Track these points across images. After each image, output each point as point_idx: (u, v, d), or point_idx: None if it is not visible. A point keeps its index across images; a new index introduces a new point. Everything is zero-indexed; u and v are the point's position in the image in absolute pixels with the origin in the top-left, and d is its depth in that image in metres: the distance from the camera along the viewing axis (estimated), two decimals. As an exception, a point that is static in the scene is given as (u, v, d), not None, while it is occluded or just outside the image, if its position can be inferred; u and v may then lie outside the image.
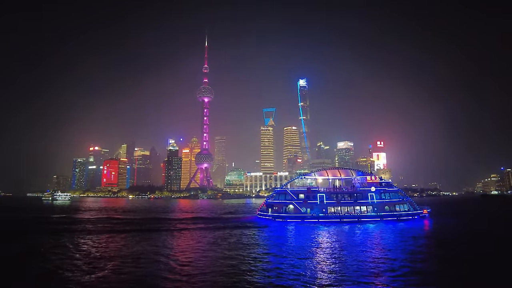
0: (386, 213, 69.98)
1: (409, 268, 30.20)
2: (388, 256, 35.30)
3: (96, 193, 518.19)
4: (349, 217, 68.47)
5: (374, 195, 71.20)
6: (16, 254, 37.82)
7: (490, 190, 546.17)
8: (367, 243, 43.58)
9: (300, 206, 70.58)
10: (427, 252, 38.91)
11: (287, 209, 71.67)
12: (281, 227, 62.38)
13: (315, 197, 70.76)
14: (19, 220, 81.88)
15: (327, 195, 71.15)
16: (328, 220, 67.92)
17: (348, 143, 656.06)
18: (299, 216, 69.51)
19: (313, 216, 68.85)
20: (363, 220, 67.91)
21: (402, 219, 70.53)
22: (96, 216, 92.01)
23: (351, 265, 31.20)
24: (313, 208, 69.87)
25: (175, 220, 78.08)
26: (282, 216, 70.76)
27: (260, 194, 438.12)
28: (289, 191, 74.05)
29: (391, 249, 39.25)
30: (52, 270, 29.97)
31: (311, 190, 72.54)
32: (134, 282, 26.13)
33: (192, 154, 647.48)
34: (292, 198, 72.07)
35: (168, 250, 39.44)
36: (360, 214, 69.49)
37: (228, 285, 25.35)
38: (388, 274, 27.97)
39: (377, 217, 69.05)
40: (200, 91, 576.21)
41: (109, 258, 34.42)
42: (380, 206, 70.38)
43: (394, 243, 43.64)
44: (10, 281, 27.43)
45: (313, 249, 39.95)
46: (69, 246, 42.20)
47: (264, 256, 35.85)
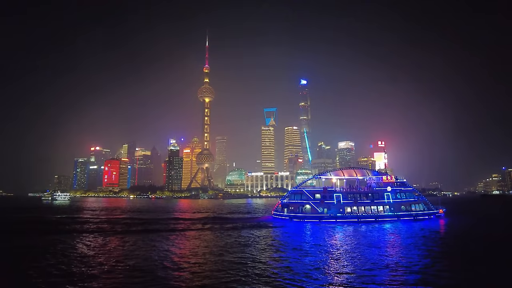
0: (403, 213, 70.16)
1: (440, 268, 30.23)
2: (420, 256, 35.29)
3: (97, 193, 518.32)
4: (367, 217, 68.58)
5: (390, 194, 71.36)
6: (14, 254, 37.95)
7: (492, 190, 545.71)
8: (395, 243, 43.65)
9: (317, 206, 70.48)
10: (452, 251, 39.15)
11: (303, 209, 71.53)
12: (302, 227, 62.21)
13: (331, 197, 70.80)
14: (16, 220, 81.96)
15: (343, 195, 71.25)
16: (346, 220, 67.91)
17: (349, 143, 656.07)
18: (317, 216, 69.40)
19: (331, 216, 68.79)
20: (380, 220, 67.98)
21: (419, 219, 70.67)
22: (119, 216, 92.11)
23: (390, 264, 31.37)
24: (330, 208, 69.85)
25: (191, 220, 77.65)
26: (300, 216, 70.60)
27: (261, 194, 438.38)
28: (305, 191, 73.95)
29: (420, 249, 39.09)
30: (71, 272, 29.89)
31: (328, 190, 72.62)
32: (181, 281, 26.32)
33: (193, 154, 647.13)
34: (308, 198, 71.94)
35: (203, 249, 39.35)
36: (377, 214, 69.48)
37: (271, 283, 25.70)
38: (421, 276, 27.92)
39: (394, 217, 69.18)
40: (201, 91, 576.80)
41: (159, 259, 34.40)
42: (397, 205, 70.52)
43: (420, 243, 43.40)
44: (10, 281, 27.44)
45: (344, 248, 39.81)
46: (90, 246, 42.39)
47: (300, 256, 35.63)
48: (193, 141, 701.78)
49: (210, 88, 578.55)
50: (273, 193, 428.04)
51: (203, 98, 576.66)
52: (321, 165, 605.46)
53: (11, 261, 34.41)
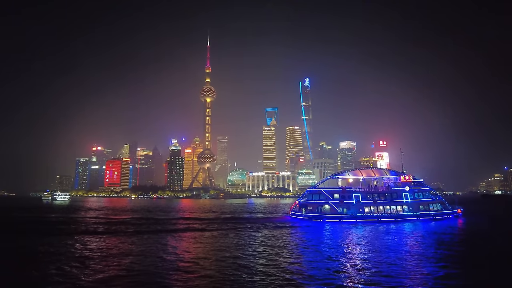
0: (422, 213, 70.14)
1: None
2: (454, 256, 35.34)
3: (98, 193, 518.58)
4: (386, 217, 68.53)
5: (408, 194, 71.32)
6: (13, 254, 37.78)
7: (494, 190, 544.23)
8: (426, 243, 43.41)
9: (336, 206, 70.26)
10: (486, 251, 39.12)
11: (322, 209, 71.30)
12: (324, 227, 61.93)
13: (350, 197, 70.68)
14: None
15: (362, 195, 71.15)
16: (366, 220, 67.82)
17: (351, 143, 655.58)
18: (337, 216, 69.18)
19: (351, 216, 68.63)
20: (400, 220, 67.89)
21: (438, 219, 70.61)
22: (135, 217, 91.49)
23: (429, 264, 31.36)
24: (349, 208, 69.68)
25: (207, 220, 77.10)
26: (319, 216, 70.34)
27: (263, 194, 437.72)
28: (324, 191, 73.69)
29: (455, 249, 39.06)
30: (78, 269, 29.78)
31: (346, 190, 72.55)
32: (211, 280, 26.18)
33: (195, 154, 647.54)
34: (327, 198, 71.79)
35: (233, 250, 38.93)
36: (397, 213, 69.38)
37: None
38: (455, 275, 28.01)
39: (413, 217, 69.18)
40: (202, 91, 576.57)
41: (179, 258, 34.37)
42: (415, 205, 70.51)
43: (452, 243, 43.27)
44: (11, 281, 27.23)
45: (382, 248, 39.64)
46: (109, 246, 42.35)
47: (342, 257, 35.44)
48: (194, 141, 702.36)
49: (211, 88, 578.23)
50: (274, 193, 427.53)
51: (205, 98, 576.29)
52: (323, 165, 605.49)
53: (11, 262, 34.08)
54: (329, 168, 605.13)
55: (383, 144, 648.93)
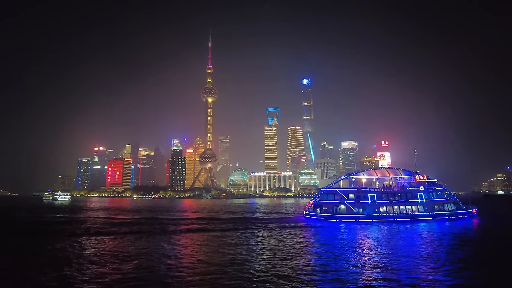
0: (438, 213, 70.12)
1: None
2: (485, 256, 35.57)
3: (100, 193, 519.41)
4: (402, 217, 68.41)
5: (423, 194, 71.23)
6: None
7: (496, 190, 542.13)
8: (451, 243, 43.30)
9: (352, 206, 70.11)
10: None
11: (338, 209, 71.05)
12: (343, 227, 61.65)
13: (365, 197, 70.47)
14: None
15: (377, 195, 71.07)
16: (382, 220, 67.68)
17: (352, 143, 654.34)
18: (353, 217, 68.94)
19: (367, 216, 68.50)
20: (416, 220, 67.79)
21: (453, 218, 70.52)
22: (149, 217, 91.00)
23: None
24: (365, 208, 69.53)
25: (219, 220, 76.82)
26: (336, 217, 70.00)
27: (264, 194, 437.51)
28: (339, 191, 73.52)
29: (478, 249, 39.28)
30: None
31: (362, 190, 72.27)
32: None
33: (196, 154, 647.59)
34: (342, 198, 71.54)
35: (261, 252, 38.36)
36: (412, 213, 69.26)
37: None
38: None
39: (429, 217, 69.11)
40: (204, 91, 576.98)
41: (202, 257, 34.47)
42: (430, 205, 70.48)
43: (475, 243, 43.33)
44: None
45: (410, 248, 39.61)
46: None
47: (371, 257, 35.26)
48: (196, 141, 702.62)
49: (213, 88, 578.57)
50: (276, 193, 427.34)
51: (206, 98, 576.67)
52: (324, 165, 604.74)
53: (11, 262, 33.94)
54: (330, 168, 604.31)
55: (385, 144, 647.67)
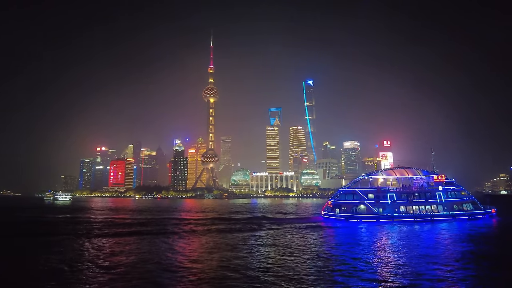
0: (458, 212, 70.09)
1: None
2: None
3: (103, 193, 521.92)
4: (422, 216, 68.51)
5: (441, 194, 71.28)
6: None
7: (499, 190, 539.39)
8: (481, 243, 43.22)
9: (372, 206, 70.04)
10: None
11: (357, 209, 70.98)
12: (366, 227, 61.51)
13: (385, 197, 70.49)
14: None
15: (397, 195, 71.07)
16: (402, 219, 67.74)
17: (355, 143, 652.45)
18: (374, 216, 68.97)
19: (388, 216, 68.44)
20: (436, 220, 67.90)
21: (473, 218, 70.32)
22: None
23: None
24: (385, 208, 69.53)
25: (234, 220, 76.74)
26: (356, 217, 69.92)
27: (266, 194, 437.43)
28: (358, 191, 73.37)
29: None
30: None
31: (381, 190, 72.33)
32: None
33: (198, 154, 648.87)
34: (361, 198, 71.43)
35: (298, 253, 38.38)
36: (432, 213, 69.27)
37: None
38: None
39: (449, 216, 69.15)
40: (206, 92, 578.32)
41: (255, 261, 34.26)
42: (449, 205, 70.53)
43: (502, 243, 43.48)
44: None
45: (443, 249, 39.72)
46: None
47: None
48: (198, 141, 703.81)
49: (214, 88, 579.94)
50: (278, 193, 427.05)
51: (208, 98, 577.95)
52: (326, 165, 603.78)
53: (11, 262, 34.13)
54: (332, 168, 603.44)
55: (387, 144, 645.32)
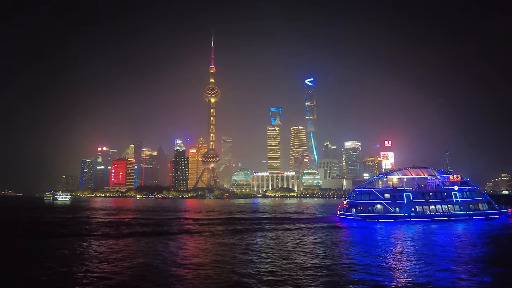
0: (475, 212, 70.00)
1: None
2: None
3: (104, 193, 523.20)
4: (439, 216, 68.57)
5: (457, 193, 71.21)
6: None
7: (501, 190, 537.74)
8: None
9: (389, 206, 70.07)
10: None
11: (374, 209, 71.07)
12: (386, 227, 61.49)
13: (401, 197, 70.52)
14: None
15: (413, 194, 71.13)
16: (420, 219, 67.90)
17: (356, 143, 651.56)
18: (391, 216, 68.91)
19: (405, 216, 68.52)
20: (453, 219, 67.98)
21: (490, 218, 70.21)
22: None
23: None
24: (402, 207, 69.55)
25: (259, 220, 76.70)
26: (373, 216, 69.97)
27: (267, 194, 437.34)
28: (375, 190, 73.46)
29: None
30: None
31: (397, 190, 72.30)
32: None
33: (199, 154, 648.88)
34: (378, 197, 71.43)
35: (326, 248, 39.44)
36: (449, 213, 69.25)
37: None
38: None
39: (466, 216, 69.01)
40: (207, 91, 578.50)
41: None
42: (466, 205, 70.40)
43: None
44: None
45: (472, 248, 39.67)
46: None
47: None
48: (199, 141, 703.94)
49: (215, 88, 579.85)
50: (279, 193, 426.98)
51: (209, 98, 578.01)
52: (327, 165, 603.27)
53: (11, 263, 33.91)
54: (333, 168, 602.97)
55: (388, 143, 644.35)
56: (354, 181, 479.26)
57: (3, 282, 26.76)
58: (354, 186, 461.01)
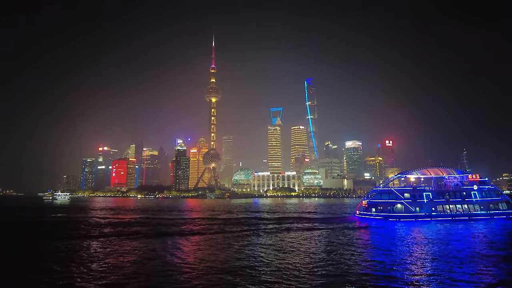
0: (495, 211, 70.07)
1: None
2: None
3: (105, 193, 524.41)
4: (460, 216, 68.56)
5: (477, 193, 71.32)
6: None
7: (502, 190, 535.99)
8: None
9: (410, 205, 70.17)
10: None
11: (394, 209, 71.00)
12: (411, 226, 61.27)
13: (421, 196, 70.60)
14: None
15: (433, 194, 71.14)
16: (441, 218, 68.02)
17: (356, 142, 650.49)
18: (412, 216, 69.03)
19: (426, 215, 68.69)
20: (474, 219, 67.91)
21: (511, 218, 69.96)
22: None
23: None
24: (422, 207, 69.66)
25: (278, 220, 76.65)
26: (395, 216, 69.87)
27: (268, 193, 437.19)
28: (395, 190, 73.40)
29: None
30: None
31: (417, 189, 72.36)
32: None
33: (200, 154, 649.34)
34: (397, 197, 71.38)
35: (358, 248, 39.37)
36: (469, 212, 69.24)
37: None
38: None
39: (487, 216, 69.11)
40: (208, 91, 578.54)
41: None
42: (486, 204, 70.49)
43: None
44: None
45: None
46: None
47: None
48: (200, 141, 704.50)
49: (216, 88, 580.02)
50: (279, 192, 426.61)
51: (210, 98, 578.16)
52: (328, 165, 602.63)
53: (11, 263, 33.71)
54: (334, 168, 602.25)
55: (389, 143, 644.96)
56: (355, 181, 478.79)
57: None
58: (355, 186, 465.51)
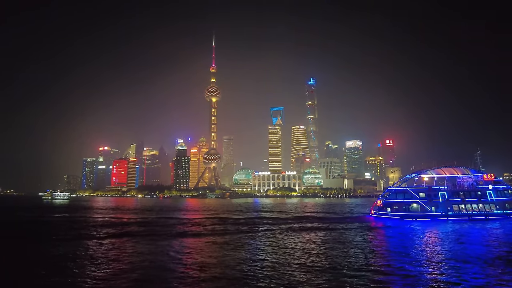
0: (511, 211, 70.28)
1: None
2: None
3: (105, 193, 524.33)
4: (476, 215, 68.61)
5: (492, 193, 71.38)
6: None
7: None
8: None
9: (425, 205, 70.18)
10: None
11: (410, 208, 71.12)
12: (428, 225, 61.54)
13: (436, 196, 70.65)
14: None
15: (448, 193, 71.12)
16: (457, 218, 68.13)
17: (357, 142, 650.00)
18: (428, 215, 69.24)
19: (442, 215, 68.84)
20: (490, 218, 68.08)
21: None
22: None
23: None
24: (438, 206, 69.82)
25: (298, 219, 77.18)
26: (411, 215, 70.01)
27: (268, 193, 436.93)
28: (410, 190, 73.47)
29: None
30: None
31: (432, 189, 72.49)
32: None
33: (200, 153, 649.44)
34: (413, 196, 71.45)
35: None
36: (485, 212, 69.32)
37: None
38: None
39: (503, 215, 69.32)
40: (208, 91, 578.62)
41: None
42: (501, 204, 70.67)
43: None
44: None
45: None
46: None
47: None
48: (200, 140, 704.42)
49: (217, 88, 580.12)
50: (280, 192, 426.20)
51: (210, 97, 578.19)
52: (329, 165, 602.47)
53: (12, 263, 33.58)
54: (335, 168, 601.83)
55: (389, 143, 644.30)
56: (355, 181, 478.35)
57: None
58: (356, 186, 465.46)
